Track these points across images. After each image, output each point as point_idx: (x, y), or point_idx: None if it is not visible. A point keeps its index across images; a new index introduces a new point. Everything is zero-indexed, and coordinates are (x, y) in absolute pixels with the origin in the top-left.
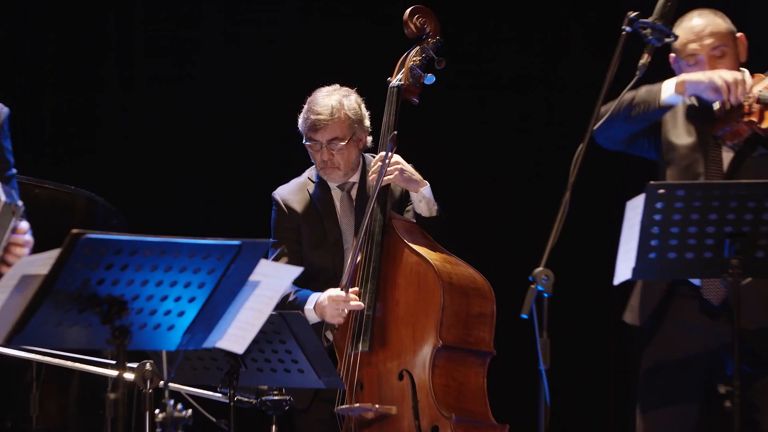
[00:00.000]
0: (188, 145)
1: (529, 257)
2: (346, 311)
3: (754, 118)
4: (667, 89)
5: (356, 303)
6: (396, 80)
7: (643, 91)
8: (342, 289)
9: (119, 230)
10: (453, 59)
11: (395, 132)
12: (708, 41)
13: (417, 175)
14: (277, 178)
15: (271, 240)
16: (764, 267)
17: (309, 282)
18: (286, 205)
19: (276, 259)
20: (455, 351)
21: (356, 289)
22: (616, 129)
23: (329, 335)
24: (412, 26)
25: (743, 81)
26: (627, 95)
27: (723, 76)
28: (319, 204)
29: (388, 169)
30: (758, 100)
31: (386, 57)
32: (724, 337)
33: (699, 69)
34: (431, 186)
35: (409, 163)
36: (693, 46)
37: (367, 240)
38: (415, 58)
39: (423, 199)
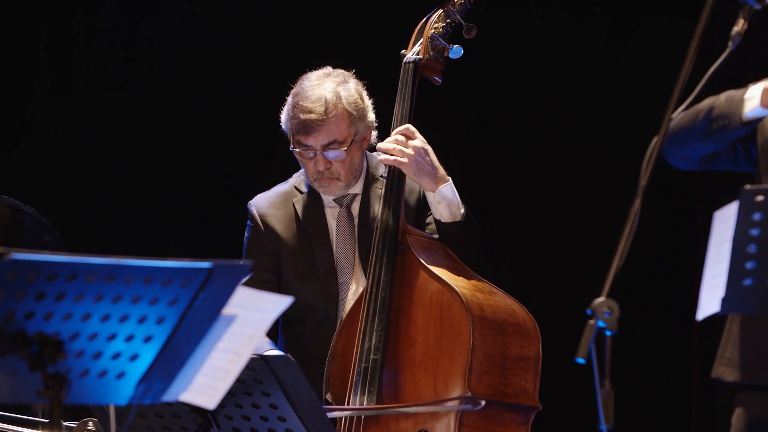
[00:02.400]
0: (144, 144)
1: (586, 284)
2: None
3: None
4: (751, 100)
5: None
6: (412, 53)
7: (723, 99)
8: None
9: (53, 249)
10: (485, 26)
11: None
12: None
13: (440, 169)
14: (256, 182)
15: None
16: None
17: (292, 324)
18: (263, 221)
19: None
20: (489, 405)
21: None
22: (691, 148)
23: (329, 397)
24: None
25: None
26: (704, 104)
27: None
28: (308, 223)
29: (403, 149)
30: None
31: (399, 23)
32: None
33: None
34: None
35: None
36: None
37: (375, 261)
38: (437, 25)
39: (443, 200)
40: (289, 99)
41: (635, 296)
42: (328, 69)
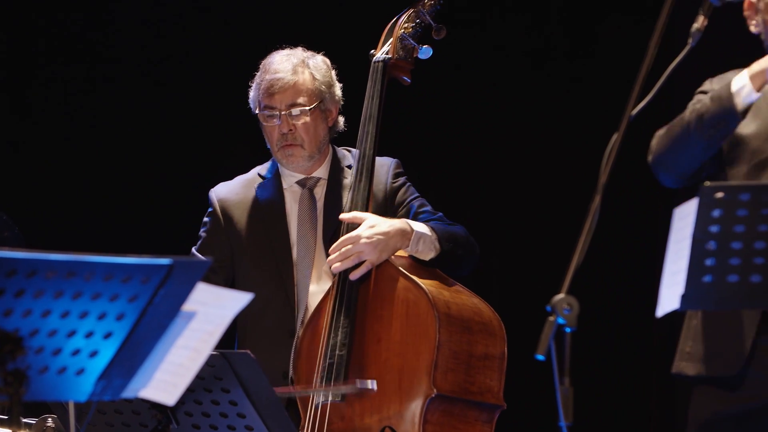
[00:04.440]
0: (102, 141)
1: (547, 281)
2: None
3: None
4: (742, 87)
5: None
6: (381, 53)
7: (708, 102)
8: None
9: (12, 245)
10: (455, 26)
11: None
12: None
13: (393, 226)
14: (217, 178)
15: (193, 250)
16: None
17: (252, 320)
18: (222, 211)
19: None
20: (454, 403)
21: None
22: (692, 160)
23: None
24: None
25: None
26: (687, 116)
27: None
28: (265, 206)
29: (356, 251)
30: None
31: (369, 23)
32: None
33: None
34: (421, 193)
35: (395, 158)
36: None
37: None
38: (406, 25)
39: (419, 241)
40: (259, 71)
41: (595, 293)
42: (299, 48)
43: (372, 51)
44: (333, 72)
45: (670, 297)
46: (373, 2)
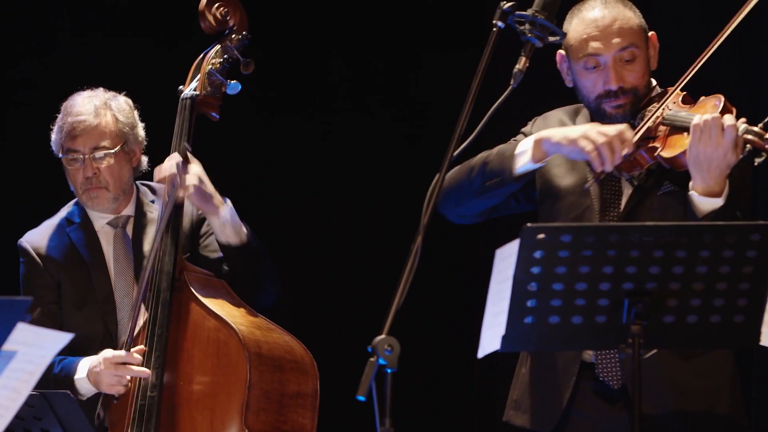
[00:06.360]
0: None
1: (367, 322)
2: (128, 377)
3: (657, 144)
4: (522, 155)
5: (140, 368)
6: (189, 89)
7: (495, 154)
8: (125, 347)
9: None
10: (265, 60)
11: (187, 145)
12: (616, 40)
13: (216, 195)
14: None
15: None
16: (673, 335)
17: (77, 353)
18: (38, 254)
19: None
20: None
21: (142, 347)
22: (468, 205)
23: (101, 412)
24: (210, 18)
25: (621, 138)
26: (477, 159)
27: (589, 135)
28: (83, 249)
29: (184, 177)
30: (663, 121)
31: (177, 61)
32: (625, 429)
33: (601, 76)
34: None
35: None
36: (596, 44)
37: (152, 297)
38: (214, 61)
39: (227, 223)
40: (60, 113)
41: (417, 334)
42: (100, 89)
43: (180, 87)
44: (136, 112)
45: (491, 338)
46: (183, 37)
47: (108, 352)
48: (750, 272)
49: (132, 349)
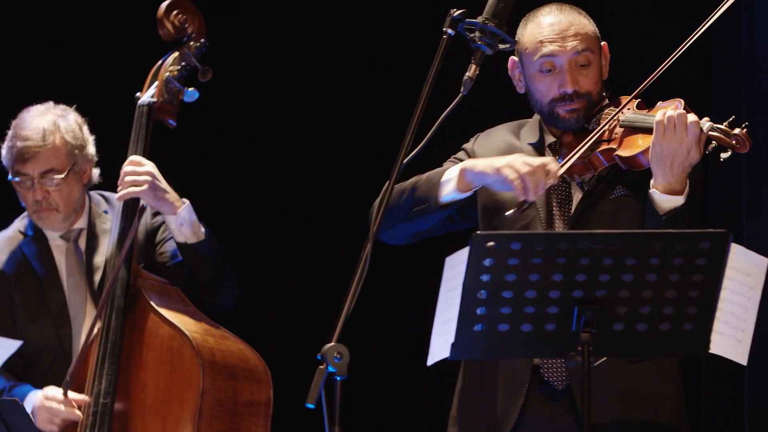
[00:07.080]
0: None
1: (317, 329)
2: (60, 419)
3: (614, 145)
4: (448, 183)
5: (71, 412)
6: (146, 96)
7: (424, 180)
8: (63, 387)
9: None
10: (222, 68)
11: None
12: (572, 43)
13: (173, 193)
14: None
15: None
16: (623, 343)
17: (31, 366)
18: None
19: None
20: None
21: (82, 398)
22: (398, 228)
23: None
24: (168, 25)
25: (545, 170)
26: (408, 183)
27: (514, 164)
28: (36, 262)
29: (136, 179)
30: (621, 124)
31: (135, 65)
32: None
33: (556, 79)
34: None
35: None
36: (552, 47)
37: (107, 305)
38: (172, 68)
39: (185, 221)
40: (10, 130)
41: (367, 341)
42: (50, 103)
43: (137, 94)
44: (86, 128)
45: (441, 346)
46: (140, 42)
47: (49, 391)
48: (700, 280)
49: (72, 395)
